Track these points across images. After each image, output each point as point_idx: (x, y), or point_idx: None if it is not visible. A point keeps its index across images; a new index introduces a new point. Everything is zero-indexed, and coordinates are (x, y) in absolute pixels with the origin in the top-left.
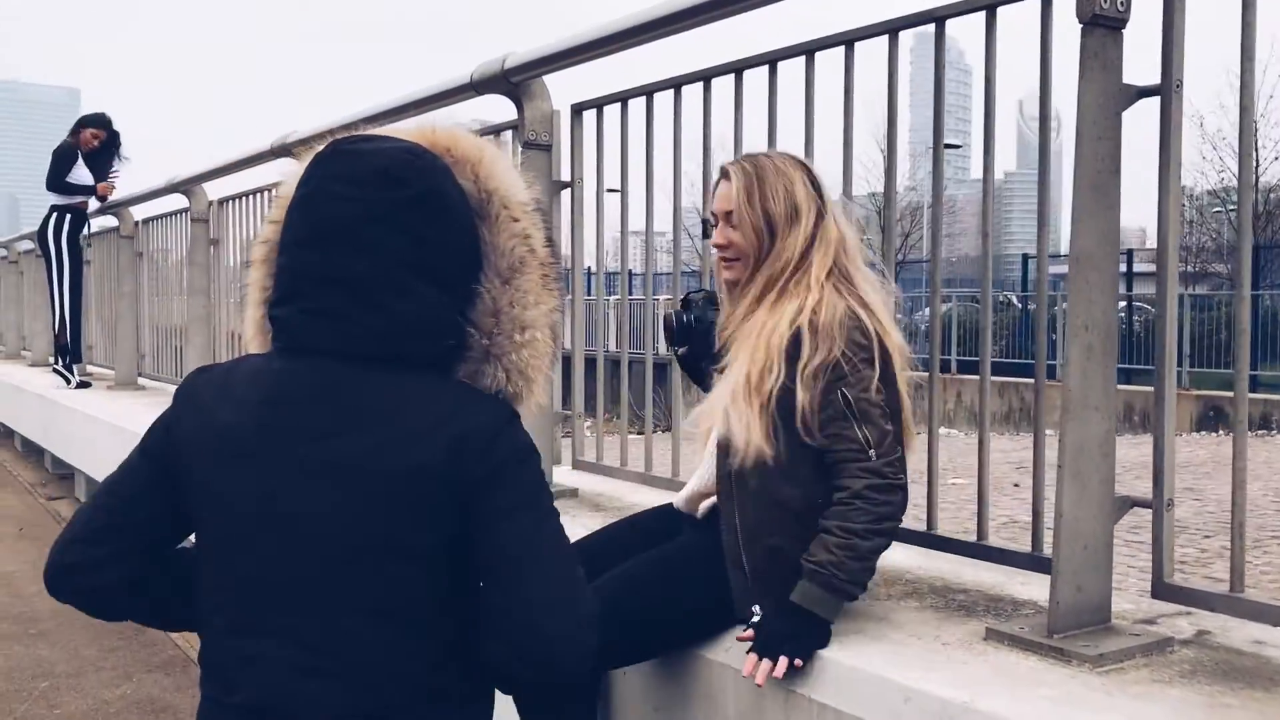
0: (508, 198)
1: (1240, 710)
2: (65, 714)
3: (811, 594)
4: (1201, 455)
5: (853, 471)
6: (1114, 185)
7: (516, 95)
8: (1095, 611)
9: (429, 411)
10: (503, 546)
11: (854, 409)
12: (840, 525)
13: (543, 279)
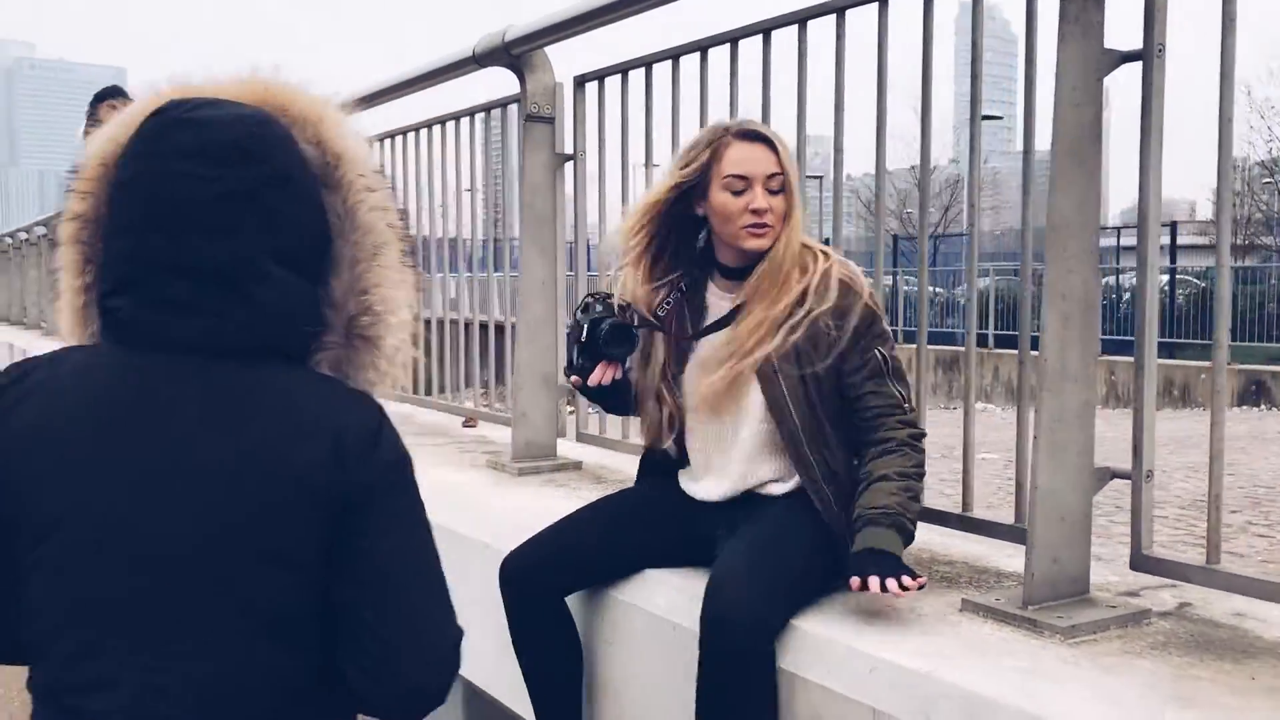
0: (358, 163)
1: (1208, 682)
2: None
3: (883, 537)
4: (1241, 430)
5: (892, 424)
6: (1094, 152)
7: (518, 67)
8: (1072, 583)
9: (299, 409)
10: (376, 560)
11: (889, 366)
12: (898, 470)
13: (402, 254)
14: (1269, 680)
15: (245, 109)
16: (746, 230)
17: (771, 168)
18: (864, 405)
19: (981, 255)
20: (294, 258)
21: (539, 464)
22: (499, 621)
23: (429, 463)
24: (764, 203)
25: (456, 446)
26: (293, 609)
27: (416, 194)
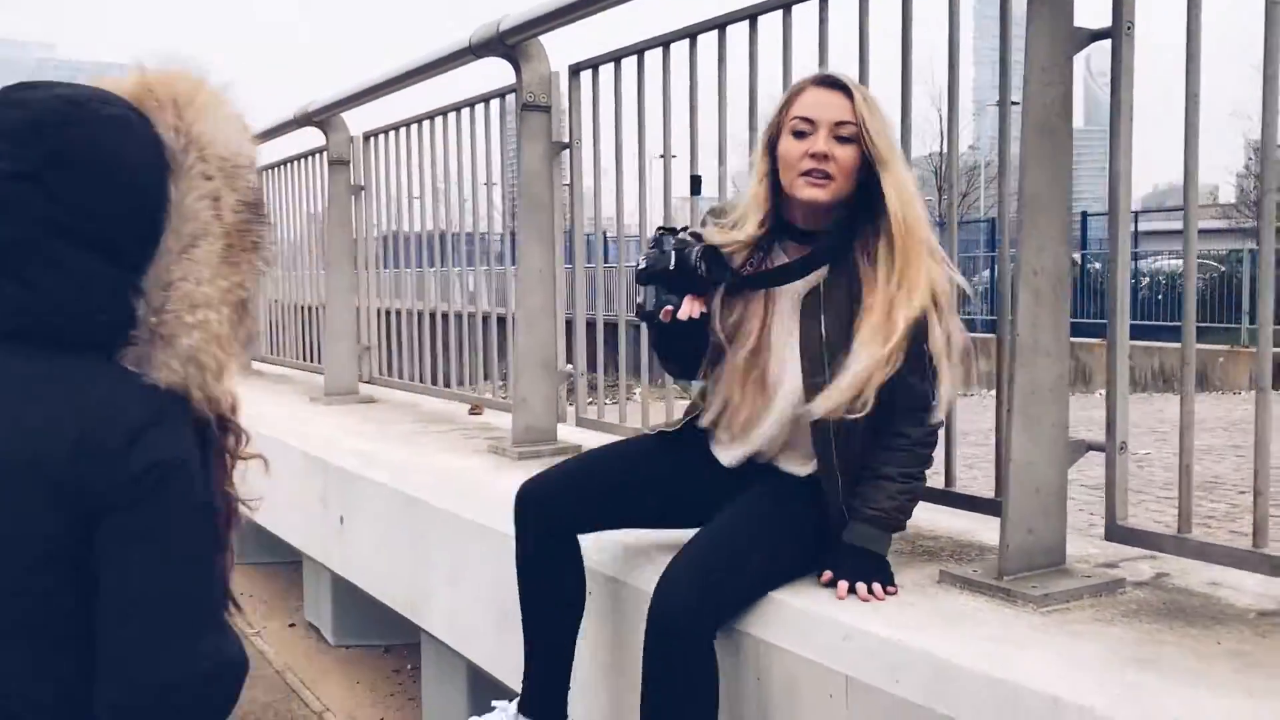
0: (207, 149)
1: (1173, 646)
2: None
3: (869, 535)
4: (1238, 413)
5: (913, 420)
6: (1064, 129)
7: (514, 57)
8: (1047, 554)
9: (60, 401)
10: (118, 578)
11: (929, 364)
12: (903, 471)
13: (226, 249)
14: (1234, 645)
15: (68, 90)
16: (803, 177)
17: (842, 115)
18: (898, 397)
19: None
20: (106, 243)
21: (539, 448)
22: (498, 601)
23: (432, 449)
24: (824, 148)
25: (461, 433)
26: (50, 613)
27: (434, 187)
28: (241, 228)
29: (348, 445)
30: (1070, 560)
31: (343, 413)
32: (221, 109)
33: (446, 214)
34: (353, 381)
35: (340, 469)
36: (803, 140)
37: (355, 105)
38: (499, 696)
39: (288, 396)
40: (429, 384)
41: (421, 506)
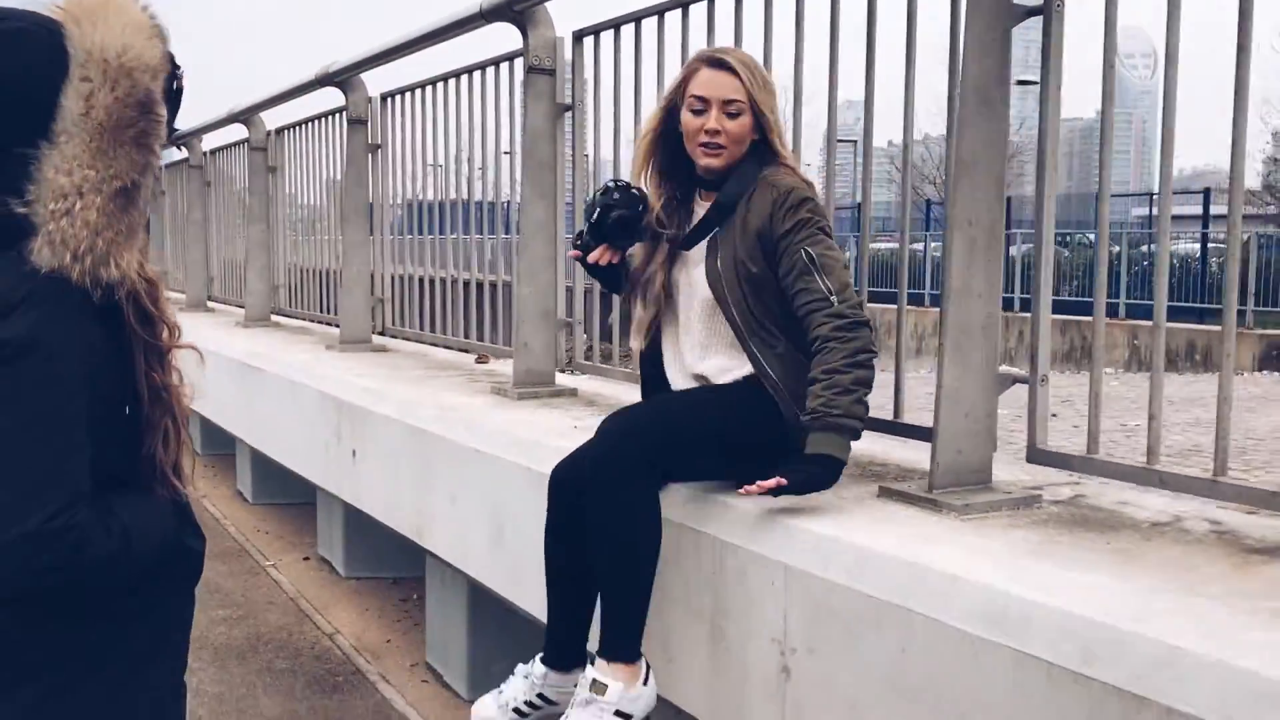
0: (93, 54)
1: (1066, 546)
2: None
3: (816, 440)
4: (1254, 391)
5: (819, 320)
6: (1000, 97)
7: (521, 23)
8: (975, 472)
9: None
10: None
11: (817, 263)
12: (824, 369)
13: (97, 143)
14: (1121, 545)
15: None
16: (701, 149)
17: (730, 94)
18: (797, 304)
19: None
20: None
21: (538, 390)
22: (493, 518)
23: (439, 389)
24: (716, 124)
25: (467, 377)
26: None
27: (447, 149)
28: (118, 124)
29: (360, 385)
30: (1000, 481)
31: (356, 359)
32: (122, 17)
33: (458, 180)
34: (366, 331)
35: (352, 405)
36: (699, 117)
37: (374, 66)
38: (496, 617)
39: (305, 344)
40: (439, 334)
41: (426, 437)
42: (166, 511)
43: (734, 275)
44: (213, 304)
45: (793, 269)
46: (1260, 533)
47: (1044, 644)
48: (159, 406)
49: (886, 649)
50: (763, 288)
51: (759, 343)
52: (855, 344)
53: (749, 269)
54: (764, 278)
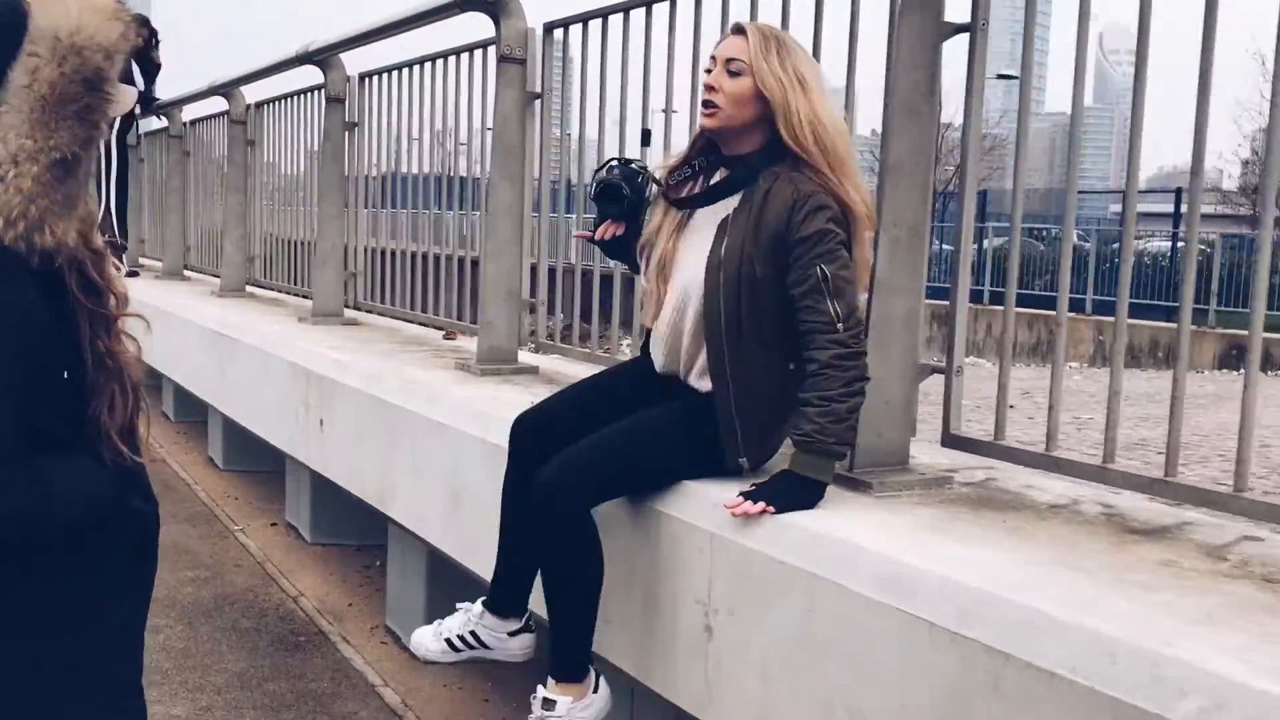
0: (44, 32)
1: (967, 522)
2: None
3: (803, 461)
4: (1209, 389)
5: (821, 344)
6: (927, 107)
7: (494, 12)
8: (893, 455)
9: None
10: None
11: (830, 284)
12: (819, 395)
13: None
14: (1016, 523)
15: None
16: (702, 108)
17: (733, 53)
18: (801, 320)
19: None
20: None
21: (500, 367)
22: (450, 487)
23: (405, 363)
24: (713, 80)
25: (433, 352)
26: None
27: (420, 126)
28: (61, 98)
29: (329, 357)
30: (918, 463)
31: (327, 332)
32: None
33: (432, 157)
34: (339, 305)
35: (321, 376)
36: (708, 76)
37: (353, 47)
38: (453, 584)
39: (278, 316)
40: (409, 309)
41: (390, 409)
42: (100, 475)
43: (735, 271)
44: (189, 273)
45: (804, 283)
46: (1146, 516)
47: (927, 606)
48: (104, 372)
49: (795, 610)
50: (758, 286)
51: (731, 335)
52: (852, 373)
53: (754, 268)
54: (766, 279)
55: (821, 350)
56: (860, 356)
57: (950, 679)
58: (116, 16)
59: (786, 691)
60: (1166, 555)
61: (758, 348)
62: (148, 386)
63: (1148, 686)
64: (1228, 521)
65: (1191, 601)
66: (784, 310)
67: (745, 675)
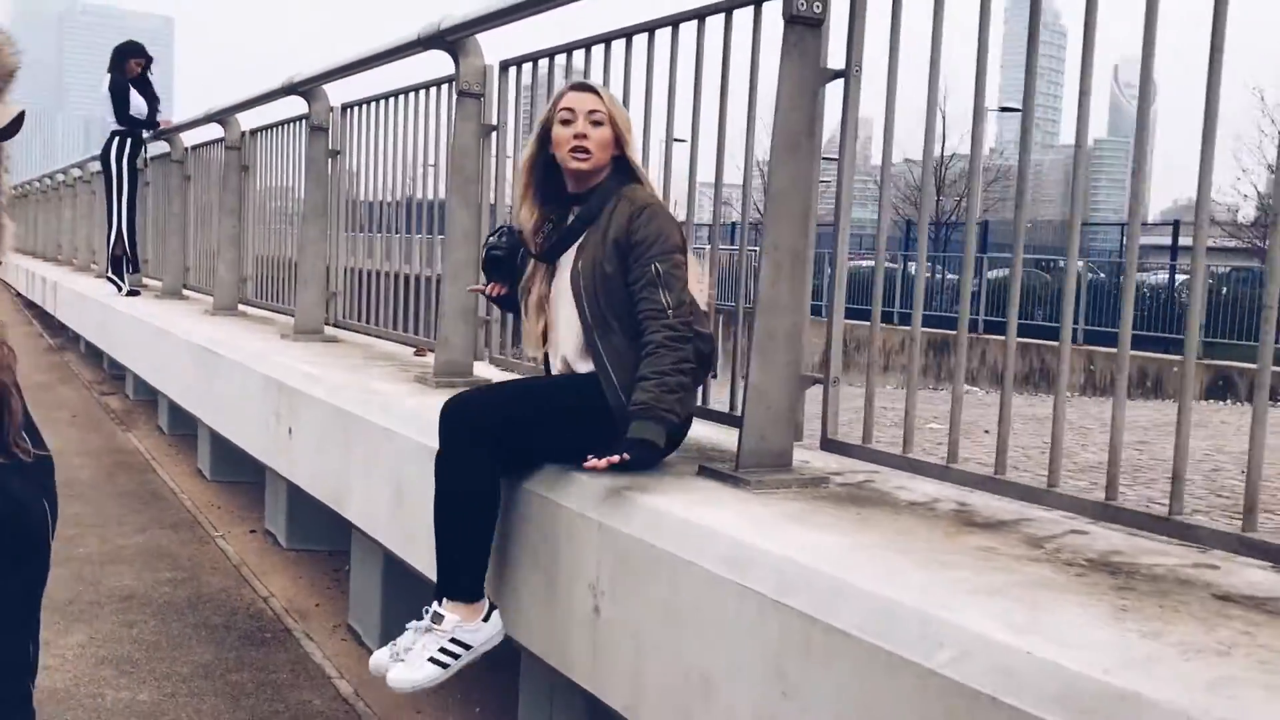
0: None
1: (826, 514)
2: (86, 553)
3: (638, 427)
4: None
5: (654, 328)
6: (807, 144)
7: (453, 51)
8: (776, 456)
9: None
10: None
11: (661, 278)
12: (654, 369)
13: None
14: (868, 515)
15: None
16: (570, 153)
17: (593, 106)
18: (639, 310)
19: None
20: None
21: (454, 380)
22: (395, 488)
23: (369, 377)
24: (582, 129)
25: (399, 367)
26: None
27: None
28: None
29: (300, 370)
30: (801, 464)
31: (305, 348)
32: None
33: (406, 183)
34: (319, 323)
35: (290, 388)
36: (568, 126)
37: (332, 80)
38: (408, 583)
39: (263, 333)
40: (384, 328)
41: (348, 417)
42: None
43: (591, 274)
44: (188, 292)
45: (641, 279)
46: (991, 513)
47: (758, 579)
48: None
49: (661, 589)
50: (612, 285)
51: (600, 330)
52: (681, 353)
53: (604, 269)
54: (615, 277)
55: (655, 333)
56: (688, 341)
57: (772, 642)
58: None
59: (655, 662)
60: (989, 543)
61: (622, 336)
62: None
63: (914, 642)
64: (1062, 518)
65: (985, 578)
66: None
67: (623, 649)
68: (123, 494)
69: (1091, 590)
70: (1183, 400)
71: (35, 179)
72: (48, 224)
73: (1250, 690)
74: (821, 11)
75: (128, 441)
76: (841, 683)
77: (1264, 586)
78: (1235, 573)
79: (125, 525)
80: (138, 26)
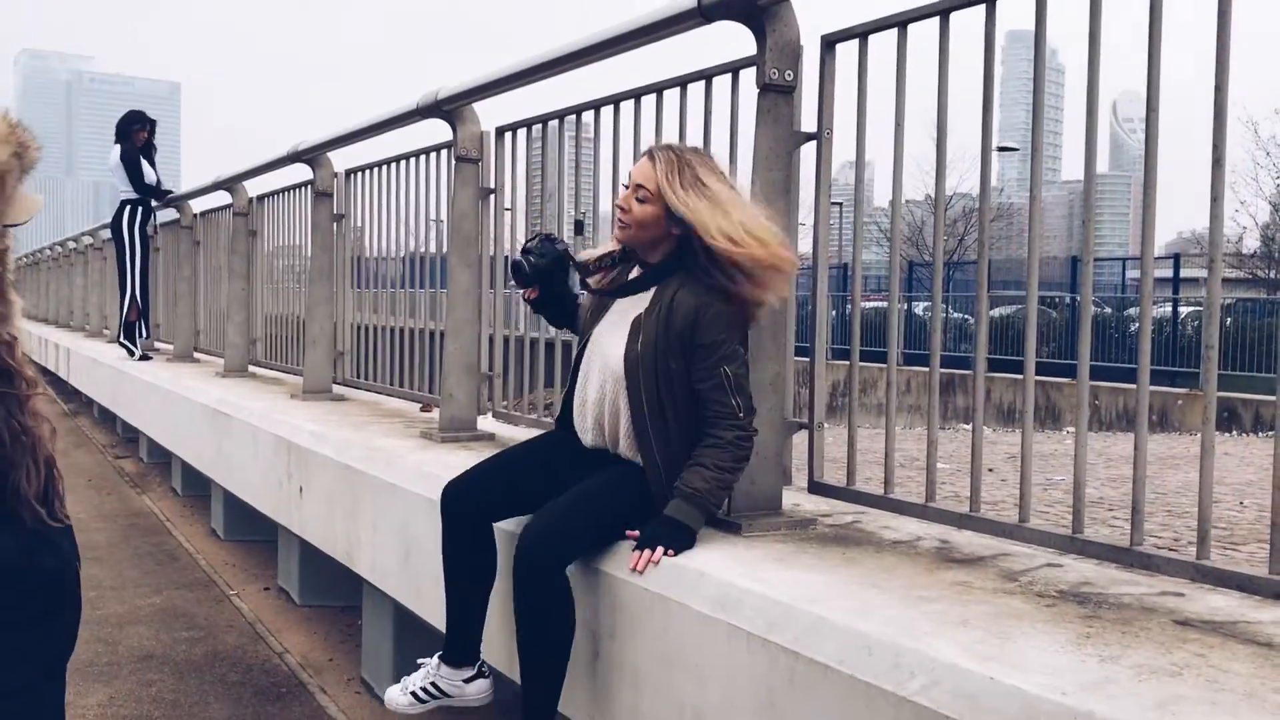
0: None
1: (811, 555)
2: (105, 615)
3: (685, 510)
4: (1193, 451)
5: (725, 427)
6: (783, 203)
7: (450, 119)
8: (767, 500)
9: None
10: None
11: (732, 382)
12: (716, 462)
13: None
14: (853, 555)
15: None
16: (616, 221)
17: (639, 178)
18: (708, 407)
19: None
20: None
21: (459, 434)
22: (402, 541)
23: (376, 433)
24: (624, 202)
25: (404, 423)
26: None
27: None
28: None
29: (308, 429)
30: (790, 508)
31: (314, 407)
32: None
33: (405, 243)
34: (327, 382)
35: (299, 447)
36: (623, 194)
37: (335, 148)
38: (417, 635)
39: (273, 393)
40: (391, 385)
41: (354, 474)
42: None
43: (652, 365)
44: (199, 355)
45: (710, 379)
46: (971, 549)
47: (745, 618)
48: (19, 447)
49: (654, 629)
50: (675, 381)
51: (655, 422)
52: (743, 452)
53: (668, 364)
54: (679, 374)
55: (726, 431)
56: (750, 442)
57: (760, 677)
58: (6, 140)
59: (650, 699)
60: (965, 578)
61: (678, 427)
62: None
63: (889, 672)
64: (1038, 552)
65: (958, 610)
66: (693, 396)
67: (622, 688)
68: (139, 555)
69: (1058, 619)
70: (1138, 436)
71: (46, 246)
72: (59, 290)
73: (1195, 707)
74: (793, 79)
75: (143, 504)
76: (825, 714)
77: (1224, 611)
78: (1199, 599)
79: (143, 586)
80: (145, 92)
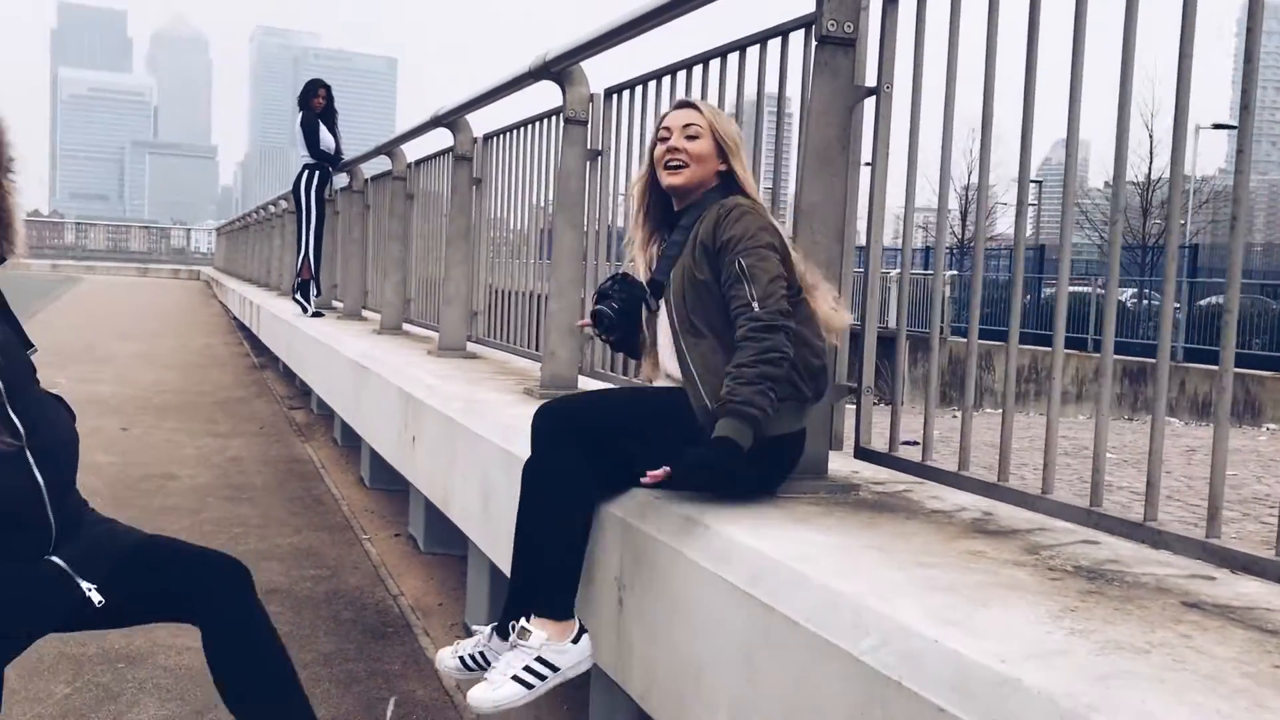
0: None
1: (837, 519)
2: (244, 550)
3: (720, 426)
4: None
5: (740, 322)
6: (840, 158)
7: (560, 81)
8: (813, 466)
9: None
10: None
11: (746, 272)
12: (736, 363)
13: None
14: (878, 521)
15: None
16: (665, 170)
17: (687, 120)
18: (730, 311)
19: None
20: None
21: (557, 391)
22: (483, 491)
23: (484, 389)
24: (676, 143)
25: (516, 380)
26: None
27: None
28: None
29: (426, 383)
30: (846, 475)
31: (444, 363)
32: None
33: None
34: (461, 340)
35: (415, 399)
36: (663, 144)
37: (466, 112)
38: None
39: (412, 350)
40: (518, 345)
41: (452, 424)
42: None
43: (681, 280)
44: (367, 313)
45: (729, 278)
46: (1008, 522)
47: (734, 571)
48: None
49: (673, 584)
50: (702, 291)
51: (689, 337)
52: (766, 343)
53: (695, 275)
54: (706, 283)
55: (742, 327)
56: (775, 331)
57: (740, 630)
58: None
59: (663, 651)
60: (983, 548)
61: (714, 341)
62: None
63: (847, 629)
64: (1079, 529)
65: (951, 577)
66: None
67: (640, 638)
68: (289, 499)
69: (1053, 593)
70: (1156, 409)
71: (252, 210)
72: (260, 252)
73: (1137, 683)
74: (853, 31)
75: (304, 452)
76: (791, 668)
77: (1247, 598)
78: (1228, 584)
79: (285, 527)
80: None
